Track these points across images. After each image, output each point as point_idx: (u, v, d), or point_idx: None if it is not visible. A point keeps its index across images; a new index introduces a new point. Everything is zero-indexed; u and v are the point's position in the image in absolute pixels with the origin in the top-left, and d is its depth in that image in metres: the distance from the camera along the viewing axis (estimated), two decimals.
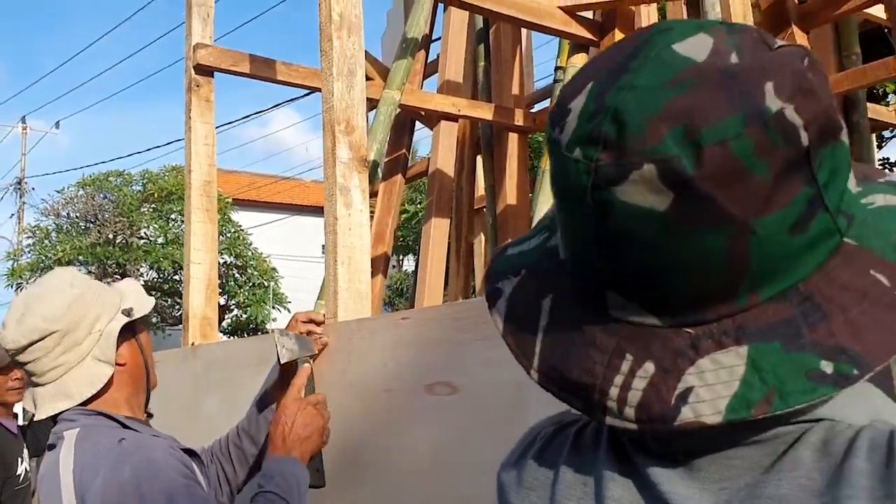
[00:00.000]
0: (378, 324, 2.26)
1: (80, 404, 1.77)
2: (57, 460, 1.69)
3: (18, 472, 3.91)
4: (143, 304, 1.90)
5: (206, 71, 3.51)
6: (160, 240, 22.50)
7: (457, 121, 4.50)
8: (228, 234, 22.15)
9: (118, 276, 24.15)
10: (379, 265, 4.35)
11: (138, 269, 22.27)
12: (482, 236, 5.06)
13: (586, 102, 0.63)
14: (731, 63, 0.60)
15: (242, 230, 22.38)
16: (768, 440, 0.64)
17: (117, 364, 1.78)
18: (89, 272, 24.92)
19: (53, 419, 1.82)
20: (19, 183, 31.16)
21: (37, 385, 1.78)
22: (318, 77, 3.53)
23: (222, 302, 22.87)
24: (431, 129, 4.67)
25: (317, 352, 2.23)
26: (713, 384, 0.60)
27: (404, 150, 4.60)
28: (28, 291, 1.83)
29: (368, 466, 2.20)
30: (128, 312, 1.81)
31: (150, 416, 2.12)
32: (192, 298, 3.33)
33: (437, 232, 4.36)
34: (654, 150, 0.58)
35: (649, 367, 0.62)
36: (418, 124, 5.00)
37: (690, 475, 0.66)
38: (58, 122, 39.77)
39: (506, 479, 0.84)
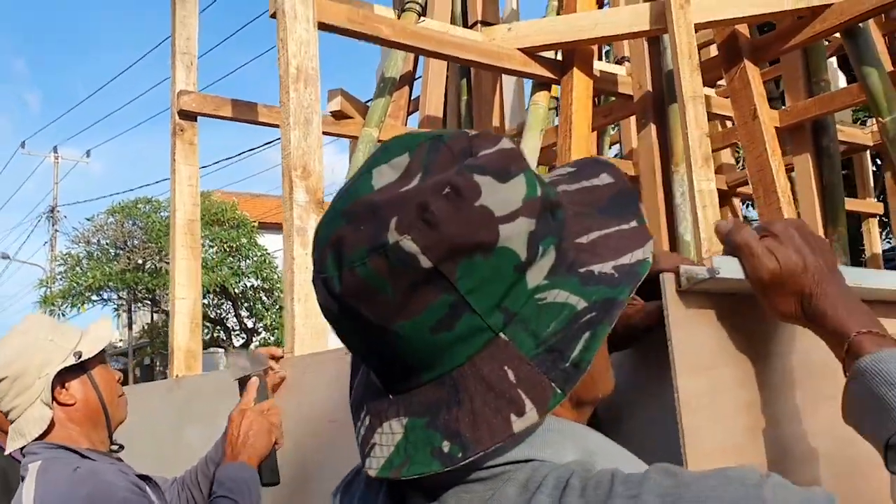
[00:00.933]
0: (327, 358, 2.38)
1: (42, 440, 1.93)
2: (21, 491, 1.83)
3: None
4: (95, 345, 2.04)
5: (189, 116, 3.68)
6: None
7: None
8: (255, 258, 22.44)
9: (148, 301, 24.57)
10: None
11: (167, 294, 22.64)
12: None
13: None
14: (386, 193, 0.73)
15: (269, 253, 22.64)
16: (491, 477, 0.74)
17: (67, 404, 1.92)
18: (120, 297, 25.36)
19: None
20: (52, 211, 31.70)
21: (10, 422, 1.93)
22: None
23: (250, 325, 23.16)
24: None
25: (269, 366, 2.37)
26: (383, 444, 0.75)
27: None
28: (51, 330, 1.97)
29: (318, 494, 2.33)
30: (78, 355, 1.96)
31: (121, 447, 2.26)
32: (177, 332, 3.48)
33: None
34: (322, 271, 0.75)
35: (367, 429, 0.78)
36: None
37: None
38: (88, 150, 40.50)
39: None
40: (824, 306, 0.98)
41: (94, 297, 24.80)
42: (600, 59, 5.06)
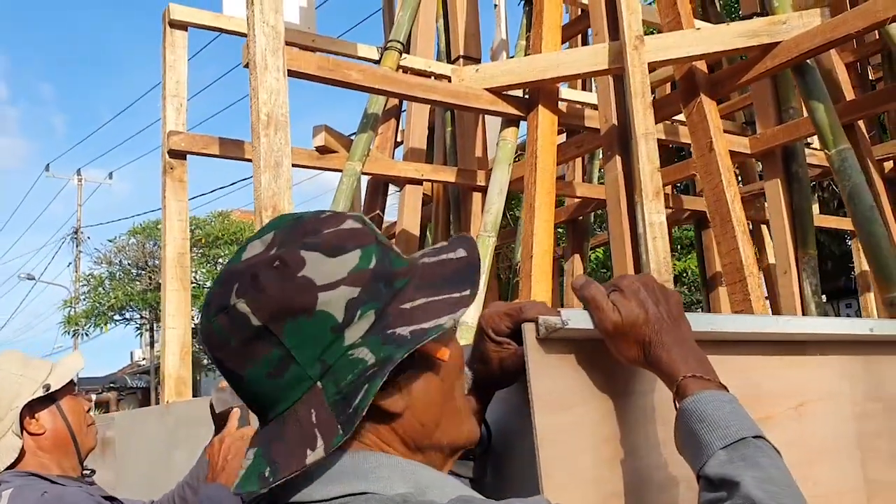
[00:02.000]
0: None
1: (14, 468, 2.08)
2: None
3: None
4: (63, 377, 2.19)
5: (179, 154, 3.85)
6: (208, 284, 23.09)
7: (421, 184, 4.80)
8: None
9: None
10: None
11: None
12: None
13: None
14: (244, 263, 0.89)
15: None
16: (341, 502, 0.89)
17: (37, 434, 2.07)
18: (142, 317, 25.66)
19: None
20: (76, 232, 32.07)
21: None
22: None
23: None
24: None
25: None
26: (244, 466, 0.89)
27: (378, 212, 4.90)
28: (22, 365, 2.09)
29: None
30: (46, 387, 2.11)
31: (92, 472, 2.41)
32: (168, 360, 3.64)
33: None
34: (205, 315, 0.91)
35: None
36: None
37: None
38: (111, 172, 41.04)
39: None
40: (660, 353, 1.11)
41: (117, 317, 25.13)
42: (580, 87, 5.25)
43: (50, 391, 2.10)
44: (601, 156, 7.42)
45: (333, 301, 0.87)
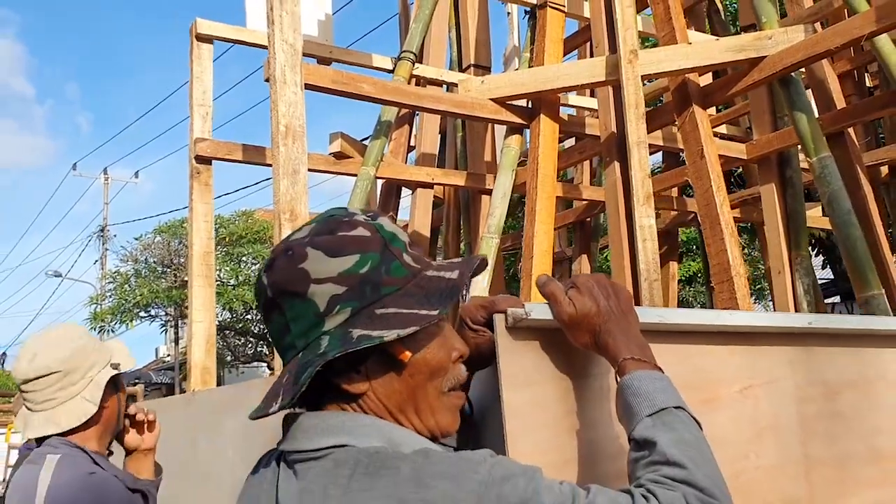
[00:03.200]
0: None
1: (62, 434, 2.29)
2: (37, 476, 2.10)
3: None
4: (128, 362, 2.41)
5: (205, 160, 4.12)
6: (232, 281, 23.29)
7: (432, 188, 5.03)
8: None
9: None
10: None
11: None
12: None
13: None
14: (287, 244, 1.12)
15: None
16: (322, 456, 1.09)
17: (101, 407, 2.29)
18: (167, 314, 26.00)
19: (38, 441, 2.24)
20: (102, 230, 32.35)
21: (30, 411, 2.20)
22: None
23: None
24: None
25: None
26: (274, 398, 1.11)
27: (391, 213, 5.13)
28: (41, 336, 2.25)
29: None
30: (115, 366, 2.30)
31: (111, 453, 2.63)
32: (194, 352, 3.90)
33: None
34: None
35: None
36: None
37: (307, 476, 1.14)
38: (137, 171, 41.46)
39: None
40: (607, 339, 1.33)
41: (143, 314, 25.42)
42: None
43: (119, 371, 2.32)
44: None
45: (319, 293, 1.10)
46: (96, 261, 32.21)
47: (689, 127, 3.65)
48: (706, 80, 4.63)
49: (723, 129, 6.13)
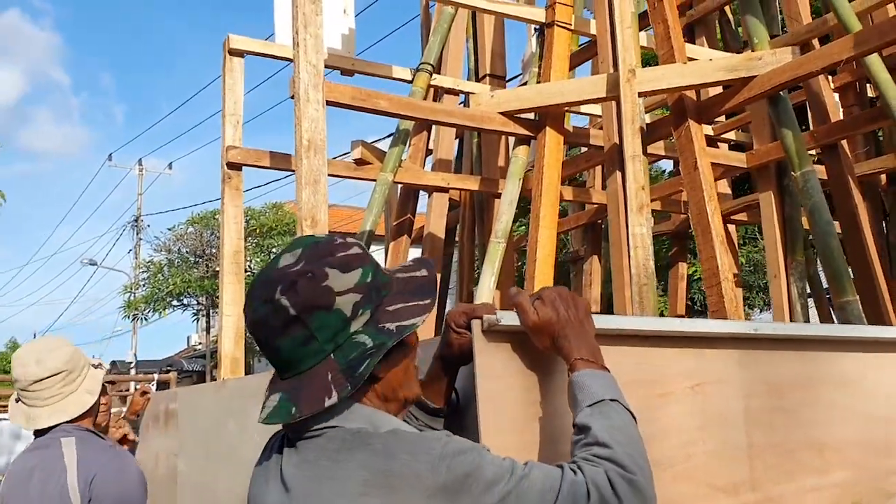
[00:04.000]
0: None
1: (69, 421, 2.58)
2: (59, 454, 2.49)
3: None
4: (102, 367, 2.79)
5: (235, 166, 4.44)
6: None
7: (447, 192, 5.32)
8: None
9: None
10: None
11: None
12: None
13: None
14: (281, 270, 1.36)
15: None
16: (318, 435, 1.38)
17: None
18: (199, 303, 26.49)
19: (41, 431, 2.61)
20: (136, 221, 32.77)
21: (34, 407, 2.57)
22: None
23: None
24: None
25: None
26: (267, 406, 1.35)
27: (409, 216, 5.43)
28: (35, 346, 2.64)
29: None
30: (97, 366, 2.72)
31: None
32: (224, 343, 4.22)
33: None
34: (249, 304, 1.37)
35: (266, 393, 1.42)
36: None
37: (301, 453, 1.44)
38: (171, 163, 41.93)
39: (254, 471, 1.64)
40: (563, 343, 1.60)
41: (175, 303, 25.92)
42: None
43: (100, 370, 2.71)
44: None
45: (344, 302, 1.37)
46: (130, 250, 32.58)
47: (685, 140, 3.89)
48: (717, 89, 4.83)
49: (731, 135, 6.34)
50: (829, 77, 5.46)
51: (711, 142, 6.19)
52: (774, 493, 2.12)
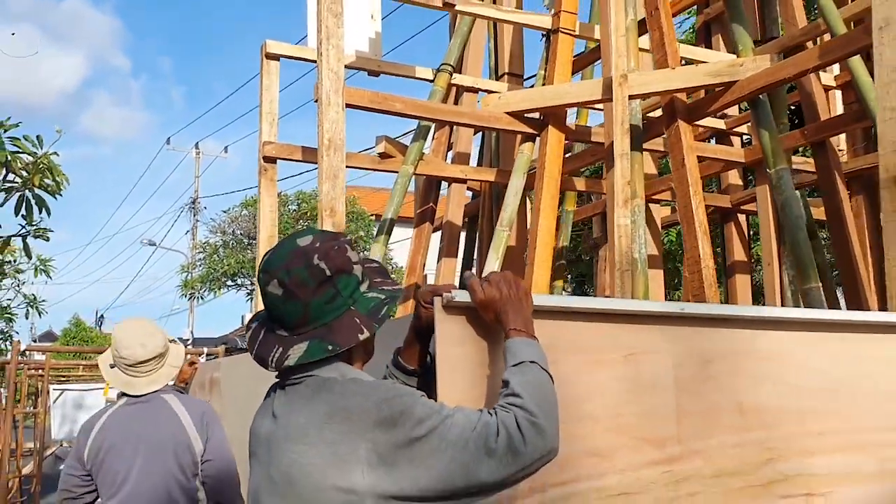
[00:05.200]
0: None
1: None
2: (167, 405, 3.17)
3: None
4: (177, 343, 3.39)
5: (270, 160, 4.90)
6: None
7: (465, 183, 5.71)
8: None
9: None
10: (411, 292, 5.63)
11: None
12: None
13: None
14: (307, 247, 1.75)
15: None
16: (301, 382, 1.82)
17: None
18: (252, 283, 27.21)
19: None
20: (193, 203, 33.62)
21: (134, 377, 3.21)
22: (353, 158, 4.87)
23: None
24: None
25: None
26: (291, 353, 1.70)
27: (431, 205, 5.84)
28: (137, 330, 3.24)
29: None
30: (174, 342, 3.32)
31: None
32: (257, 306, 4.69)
33: (447, 268, 5.58)
34: (274, 274, 1.72)
35: (279, 348, 1.79)
36: None
37: (289, 395, 1.88)
38: (226, 147, 42.78)
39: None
40: (503, 316, 1.98)
41: (230, 283, 26.72)
42: None
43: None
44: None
45: (358, 270, 1.81)
46: (187, 231, 33.23)
47: (674, 139, 4.21)
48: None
49: (744, 128, 6.58)
50: (833, 76, 5.70)
51: (724, 135, 6.46)
52: (698, 446, 2.42)
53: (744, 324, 2.58)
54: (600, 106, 6.00)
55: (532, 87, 5.26)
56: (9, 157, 11.19)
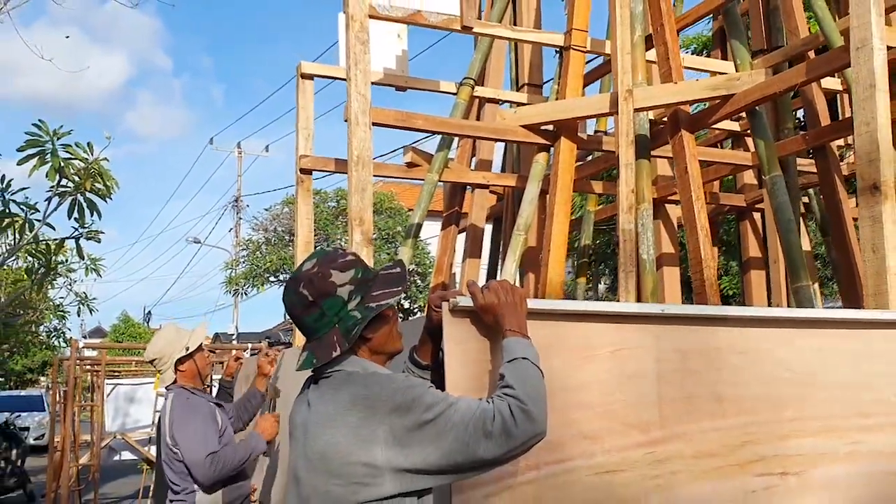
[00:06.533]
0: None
1: (174, 384, 3.73)
2: (164, 405, 3.64)
3: None
4: (194, 343, 3.81)
5: (307, 171, 5.29)
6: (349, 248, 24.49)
7: (488, 188, 6.04)
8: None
9: None
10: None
11: None
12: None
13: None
14: (304, 273, 2.12)
15: (422, 240, 24.06)
16: (330, 376, 2.17)
17: (182, 371, 3.77)
18: None
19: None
20: (236, 201, 34.20)
21: (160, 371, 3.72)
22: (383, 168, 5.24)
23: (406, 305, 24.89)
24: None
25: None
26: (301, 359, 2.09)
27: (457, 208, 6.18)
28: (177, 334, 3.76)
29: None
30: (187, 349, 3.78)
31: (210, 387, 4.11)
32: None
33: (471, 268, 5.93)
34: (284, 295, 2.14)
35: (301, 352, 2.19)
36: None
37: (320, 387, 2.24)
38: (267, 145, 43.36)
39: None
40: (500, 320, 2.27)
41: (272, 279, 27.20)
42: None
43: (189, 351, 3.71)
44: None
45: (343, 291, 2.11)
46: (231, 229, 33.66)
47: (678, 147, 4.49)
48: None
49: None
50: (840, 80, 5.89)
51: (740, 136, 6.68)
52: (679, 430, 2.66)
53: (719, 322, 2.83)
54: None
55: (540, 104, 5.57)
56: (62, 164, 11.77)
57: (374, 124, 4.29)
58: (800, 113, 7.57)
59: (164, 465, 3.64)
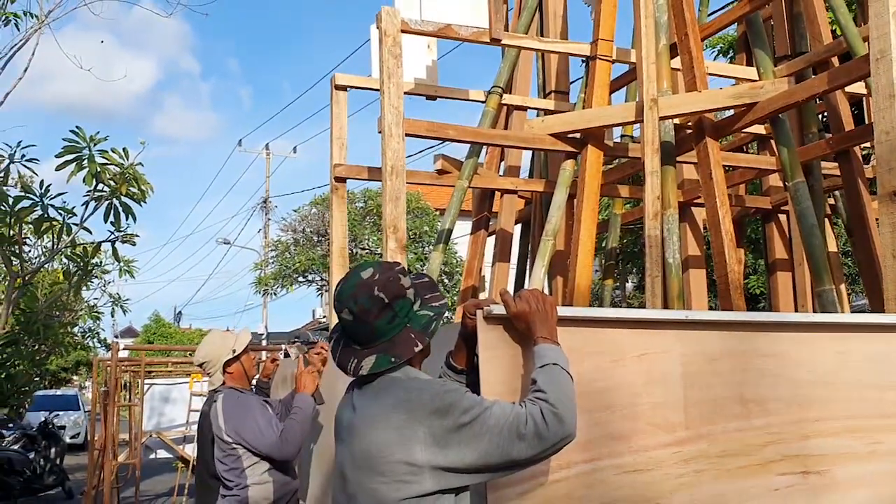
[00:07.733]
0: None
1: (223, 386, 3.91)
2: (215, 405, 3.80)
3: None
4: (240, 346, 3.98)
5: (341, 179, 5.45)
6: (378, 249, 24.64)
7: (516, 193, 6.17)
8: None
9: None
10: (468, 294, 6.13)
11: None
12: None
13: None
14: (368, 279, 2.23)
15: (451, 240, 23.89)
16: (374, 381, 2.27)
17: (230, 373, 3.95)
18: (322, 279, 27.95)
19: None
20: (264, 202, 34.40)
21: (210, 374, 3.92)
22: (415, 176, 5.39)
23: None
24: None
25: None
26: (363, 364, 2.19)
27: (485, 213, 6.31)
28: (223, 338, 3.97)
29: None
30: (234, 351, 3.95)
31: (257, 387, 4.27)
32: (332, 322, 5.25)
33: (500, 272, 6.05)
34: (346, 303, 2.21)
35: (354, 359, 2.28)
36: None
37: (364, 391, 2.39)
38: (295, 147, 43.60)
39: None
40: (532, 326, 2.39)
41: (301, 279, 27.44)
42: None
43: (236, 353, 3.89)
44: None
45: (411, 293, 2.26)
46: (260, 230, 33.93)
47: (703, 154, 4.58)
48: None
49: None
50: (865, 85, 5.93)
51: (766, 139, 6.73)
52: (704, 431, 2.74)
53: (743, 327, 2.94)
54: None
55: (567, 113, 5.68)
56: (99, 169, 12.06)
57: (406, 135, 4.43)
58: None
59: (216, 462, 3.80)
